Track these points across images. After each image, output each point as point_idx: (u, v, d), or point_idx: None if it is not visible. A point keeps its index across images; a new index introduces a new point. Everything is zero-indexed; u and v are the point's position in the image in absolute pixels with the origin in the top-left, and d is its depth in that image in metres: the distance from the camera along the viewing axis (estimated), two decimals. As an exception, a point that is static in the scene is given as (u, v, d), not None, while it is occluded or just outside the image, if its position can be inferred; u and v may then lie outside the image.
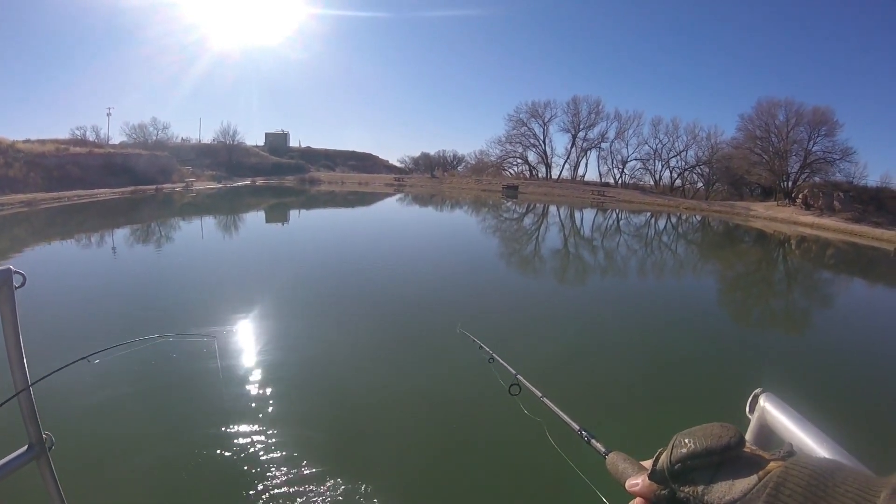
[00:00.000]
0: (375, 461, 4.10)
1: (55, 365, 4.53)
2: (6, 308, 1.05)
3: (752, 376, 6.30)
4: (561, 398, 1.08)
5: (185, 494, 3.68)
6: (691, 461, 0.48)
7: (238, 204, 33.10)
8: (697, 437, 0.49)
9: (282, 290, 9.32)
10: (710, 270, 18.51)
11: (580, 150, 64.99)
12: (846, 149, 47.04)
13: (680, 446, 0.49)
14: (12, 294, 1.04)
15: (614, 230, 29.44)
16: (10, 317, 1.05)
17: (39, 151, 34.35)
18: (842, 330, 10.76)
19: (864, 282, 19.20)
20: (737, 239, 30.21)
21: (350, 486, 3.73)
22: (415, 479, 4.07)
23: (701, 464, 0.47)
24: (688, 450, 0.48)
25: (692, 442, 0.49)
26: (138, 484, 3.71)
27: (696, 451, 0.48)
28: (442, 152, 76.89)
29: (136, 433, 4.34)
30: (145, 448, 4.13)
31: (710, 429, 0.49)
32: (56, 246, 14.64)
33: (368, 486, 3.74)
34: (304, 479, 3.80)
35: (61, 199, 27.82)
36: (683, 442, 0.49)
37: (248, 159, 63.08)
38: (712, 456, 0.47)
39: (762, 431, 0.75)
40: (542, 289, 12.23)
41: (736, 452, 0.47)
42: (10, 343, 1.06)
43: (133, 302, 8.40)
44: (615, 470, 0.63)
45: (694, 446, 0.48)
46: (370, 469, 3.98)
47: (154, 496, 3.64)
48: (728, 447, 0.47)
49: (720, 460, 0.47)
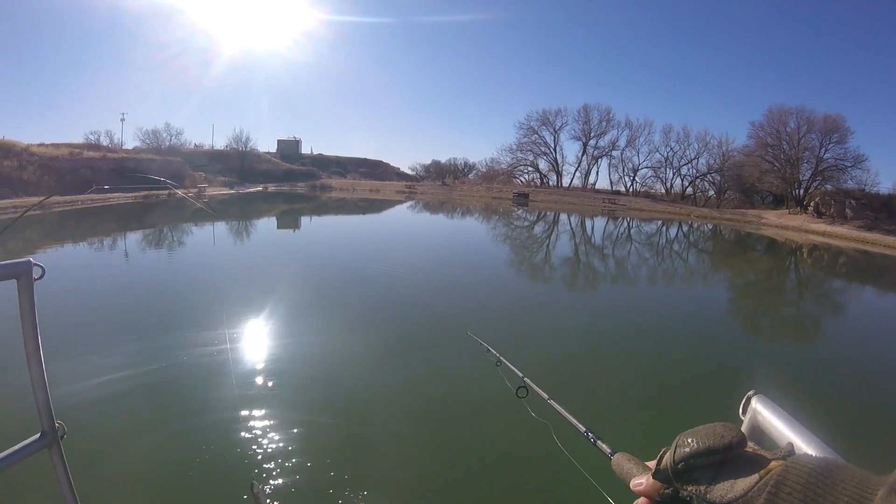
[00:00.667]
0: (383, 463, 4.13)
1: (67, 357, 5.02)
2: (25, 299, 1.07)
3: (753, 380, 6.46)
4: (568, 401, 1.12)
5: (189, 489, 3.72)
6: (694, 460, 0.49)
7: (250, 209, 33.18)
8: (700, 436, 0.50)
9: (292, 293, 9.38)
10: (718, 278, 18.49)
11: (591, 158, 65.03)
12: (858, 156, 46.86)
13: (683, 446, 0.50)
14: (31, 285, 1.06)
15: (625, 238, 29.36)
16: (28, 308, 1.07)
17: (53, 155, 34.75)
18: (848, 337, 10.80)
19: (874, 290, 19.15)
20: (748, 247, 30.04)
21: (357, 487, 3.73)
22: (422, 480, 4.09)
23: (703, 463, 0.48)
24: (691, 449, 0.49)
25: (695, 441, 0.49)
26: (145, 477, 3.80)
27: (699, 451, 0.48)
28: (453, 160, 77.65)
29: (145, 427, 4.42)
30: (153, 442, 4.21)
31: (712, 429, 0.50)
32: (69, 247, 14.87)
33: (376, 487, 3.76)
34: (312, 478, 3.82)
35: (74, 202, 27.82)
36: (686, 441, 0.50)
37: (259, 165, 63.55)
38: (715, 455, 0.48)
39: (753, 432, 0.78)
40: (550, 294, 12.34)
41: (738, 452, 0.48)
42: (28, 333, 1.08)
43: (146, 299, 8.67)
44: (620, 470, 0.67)
45: (697, 446, 0.49)
46: (377, 470, 4.01)
47: (159, 490, 3.69)
48: (730, 446, 0.47)
49: (722, 459, 0.48)
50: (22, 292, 1.06)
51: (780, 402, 0.76)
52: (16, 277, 1.04)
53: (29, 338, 1.08)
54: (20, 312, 1.06)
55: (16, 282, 1.05)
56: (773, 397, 0.77)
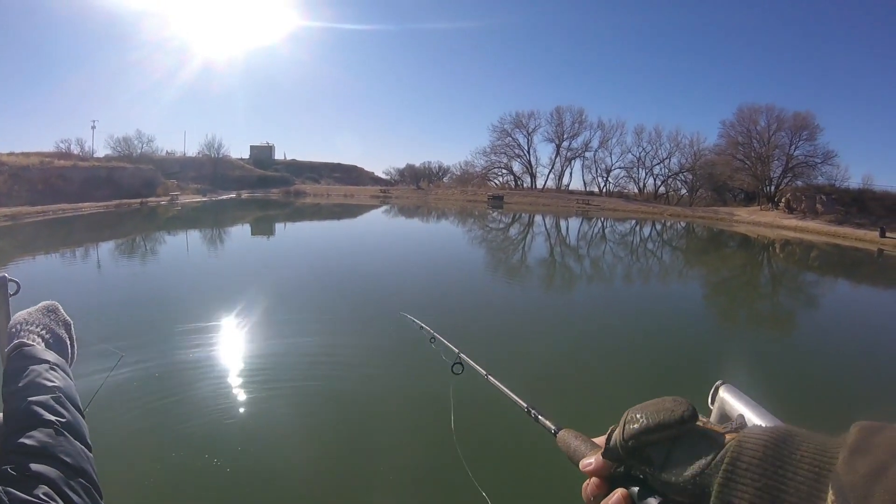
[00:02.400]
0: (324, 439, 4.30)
1: None
2: (0, 315, 1.02)
3: (722, 373, 6.16)
4: (509, 378, 1.04)
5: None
6: (645, 437, 0.46)
7: (224, 217, 32.93)
8: (650, 411, 0.47)
9: (258, 299, 9.30)
10: (690, 275, 18.48)
11: (564, 160, 65.38)
12: (827, 152, 47.72)
13: (632, 422, 0.47)
14: (7, 301, 1.03)
15: (599, 238, 29.45)
16: (4, 325, 1.01)
17: (24, 164, 34.03)
18: (816, 329, 10.77)
19: (845, 282, 19.17)
20: (720, 244, 30.26)
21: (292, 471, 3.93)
22: (358, 461, 4.13)
23: (655, 439, 0.46)
24: (640, 425, 0.46)
25: (644, 417, 0.47)
26: (135, 484, 3.74)
27: (650, 426, 0.46)
28: (427, 164, 76.99)
29: (128, 433, 4.37)
30: (141, 451, 4.19)
31: (661, 403, 0.47)
32: (42, 259, 14.54)
33: (307, 469, 3.95)
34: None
35: (45, 212, 27.49)
36: (635, 417, 0.47)
37: (232, 172, 62.48)
38: (666, 430, 0.45)
39: (721, 420, 0.75)
40: (526, 295, 11.97)
41: (690, 426, 0.45)
42: (3, 352, 1.01)
43: (117, 312, 8.40)
44: (567, 448, 0.61)
45: (646, 421, 0.46)
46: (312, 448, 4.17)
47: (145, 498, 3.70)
48: (682, 420, 0.45)
49: (675, 434, 0.45)
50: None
51: (748, 391, 0.76)
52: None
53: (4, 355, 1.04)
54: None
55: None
56: (742, 387, 0.77)
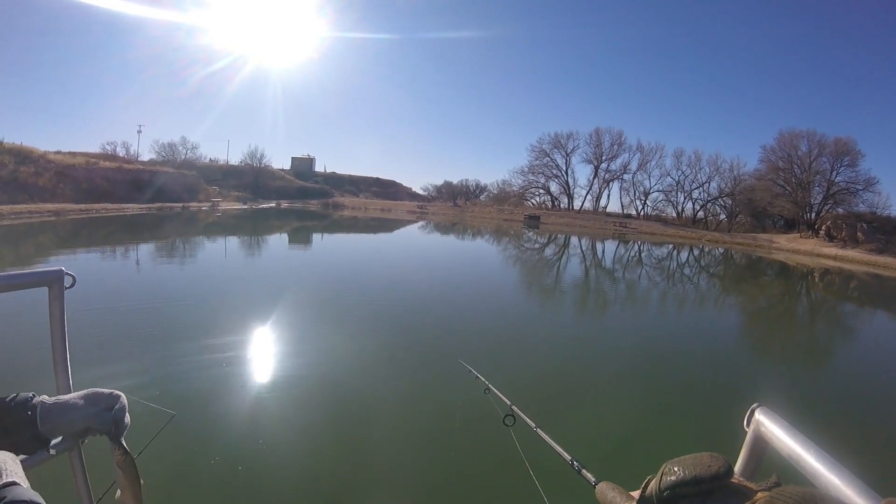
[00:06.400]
0: (370, 488, 4.05)
1: (92, 365, 5.57)
2: (56, 308, 1.06)
3: (757, 399, 6.47)
4: (555, 428, 1.12)
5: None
6: (680, 489, 0.47)
7: (263, 225, 33.28)
8: (687, 465, 0.48)
9: (296, 310, 9.39)
10: (728, 303, 18.35)
11: (602, 182, 65.64)
12: (869, 178, 47.01)
13: (669, 474, 0.49)
14: (62, 294, 1.06)
15: (635, 262, 29.26)
16: (58, 317, 1.06)
17: (70, 163, 35.04)
18: (855, 358, 10.80)
19: (885, 313, 19.05)
20: (758, 272, 29.86)
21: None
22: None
23: (689, 492, 0.47)
24: (677, 477, 0.48)
25: (681, 470, 0.48)
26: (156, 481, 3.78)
27: (685, 479, 0.47)
28: (465, 181, 77.90)
29: (166, 427, 4.41)
30: (175, 444, 4.13)
31: (699, 458, 0.49)
32: (85, 254, 15.20)
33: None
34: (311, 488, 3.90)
35: (89, 210, 28.49)
36: (672, 470, 0.49)
37: (273, 182, 64.43)
38: (701, 485, 0.46)
39: (757, 443, 0.78)
40: (558, 319, 11.99)
41: (724, 482, 0.46)
42: (57, 343, 1.06)
43: (166, 309, 8.91)
44: (604, 498, 0.66)
45: (683, 474, 0.48)
46: (364, 496, 3.94)
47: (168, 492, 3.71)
48: (717, 476, 0.46)
49: (708, 489, 0.46)
50: (53, 300, 1.06)
51: (784, 415, 0.77)
52: (47, 286, 1.05)
53: (57, 345, 1.07)
54: (50, 320, 1.06)
55: (47, 289, 1.05)
56: (777, 411, 0.78)
